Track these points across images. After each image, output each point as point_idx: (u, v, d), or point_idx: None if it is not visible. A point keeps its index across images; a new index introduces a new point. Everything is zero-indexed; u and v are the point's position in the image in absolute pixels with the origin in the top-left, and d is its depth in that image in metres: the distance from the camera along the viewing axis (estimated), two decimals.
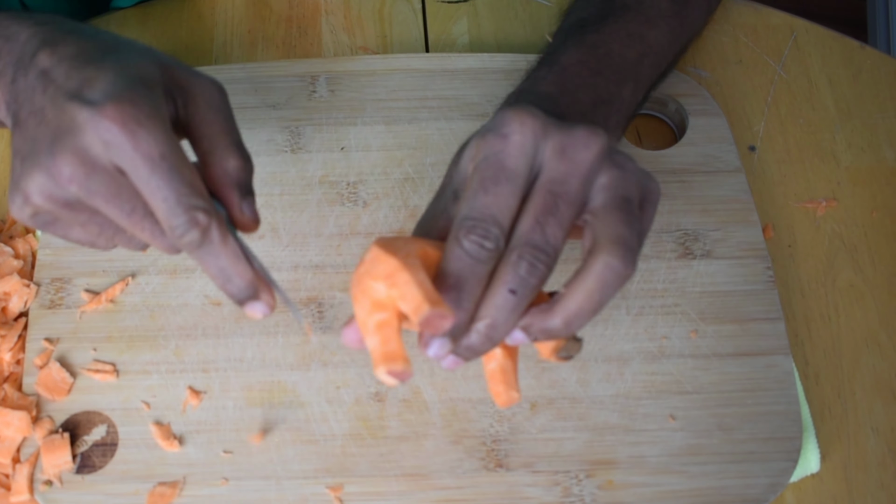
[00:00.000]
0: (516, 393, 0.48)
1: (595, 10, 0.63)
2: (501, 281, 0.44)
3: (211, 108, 0.48)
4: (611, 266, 0.44)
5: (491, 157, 0.46)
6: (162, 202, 0.44)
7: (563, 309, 0.45)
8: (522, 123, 0.46)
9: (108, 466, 0.56)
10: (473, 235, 0.44)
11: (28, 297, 0.62)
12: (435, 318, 0.42)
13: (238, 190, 0.47)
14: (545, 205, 0.45)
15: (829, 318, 0.64)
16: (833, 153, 0.71)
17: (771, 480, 0.57)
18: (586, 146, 0.46)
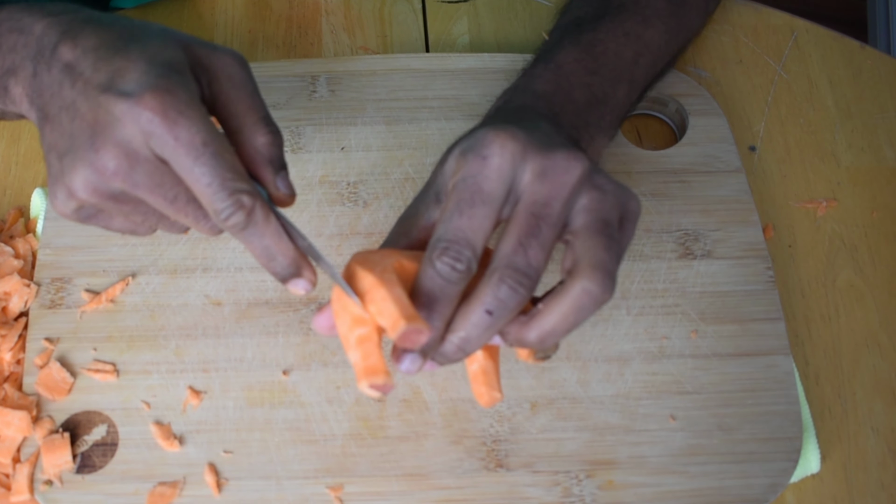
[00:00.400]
0: (498, 393, 0.49)
1: (591, 9, 0.63)
2: (479, 301, 0.45)
3: (235, 85, 0.48)
4: (588, 291, 0.45)
5: (469, 179, 0.46)
6: (206, 188, 0.44)
7: (538, 326, 0.46)
8: (503, 146, 0.46)
9: (109, 466, 0.56)
10: (446, 257, 0.45)
11: (28, 296, 0.62)
12: (411, 334, 0.44)
13: (271, 166, 0.47)
14: (528, 227, 0.46)
15: (829, 318, 0.64)
16: (833, 153, 0.71)
17: (771, 480, 0.57)
18: (566, 169, 0.47)
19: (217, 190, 0.44)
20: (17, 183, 0.69)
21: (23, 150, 0.70)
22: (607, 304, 0.47)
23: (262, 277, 0.63)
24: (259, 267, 0.63)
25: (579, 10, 0.64)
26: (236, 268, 0.63)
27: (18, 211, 0.67)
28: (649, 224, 0.65)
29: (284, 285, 0.48)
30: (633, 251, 0.64)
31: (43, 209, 0.66)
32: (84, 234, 0.64)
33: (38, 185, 0.68)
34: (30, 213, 0.67)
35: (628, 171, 0.68)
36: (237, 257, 0.64)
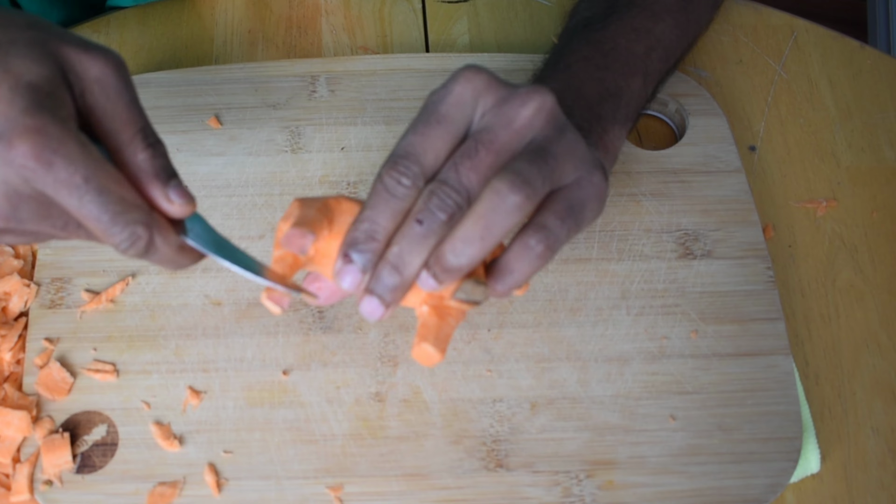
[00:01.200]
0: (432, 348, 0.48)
1: (599, 9, 0.63)
2: (412, 213, 0.45)
3: (109, 98, 0.45)
4: (496, 190, 0.45)
5: (428, 105, 0.47)
6: (97, 223, 0.44)
7: (451, 238, 0.45)
8: (466, 77, 0.47)
9: (108, 466, 0.56)
10: (394, 171, 0.45)
11: (28, 296, 0.62)
12: (295, 236, 0.46)
13: (157, 181, 0.46)
14: (465, 149, 0.46)
15: (829, 318, 0.64)
16: (833, 153, 0.71)
17: (771, 481, 0.57)
18: (523, 102, 0.47)
19: (108, 226, 0.43)
20: None
21: None
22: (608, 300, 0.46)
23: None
24: None
25: (587, 12, 0.64)
26: None
27: None
28: (649, 224, 0.65)
29: None
30: (633, 251, 0.64)
31: None
32: None
33: None
34: None
35: (628, 171, 0.68)
36: None
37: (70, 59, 0.45)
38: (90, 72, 0.45)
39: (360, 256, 0.45)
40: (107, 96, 0.45)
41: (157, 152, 0.46)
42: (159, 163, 0.46)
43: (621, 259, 0.64)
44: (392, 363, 0.60)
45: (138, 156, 0.45)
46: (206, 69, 0.72)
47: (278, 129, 0.69)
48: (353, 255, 0.45)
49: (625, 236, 0.65)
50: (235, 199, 0.66)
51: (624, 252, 0.64)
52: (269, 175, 0.67)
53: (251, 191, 0.66)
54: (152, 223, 0.45)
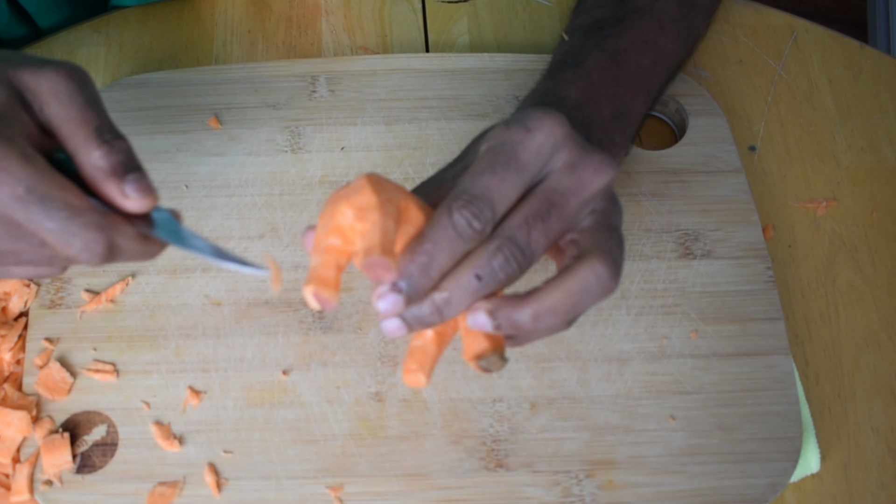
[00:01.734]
0: (425, 378, 0.48)
1: (609, 11, 0.62)
2: (472, 264, 0.44)
3: (62, 104, 0.46)
4: (597, 272, 0.44)
5: (508, 144, 0.46)
6: (49, 234, 0.44)
7: (536, 302, 0.45)
8: (551, 127, 0.46)
9: (108, 466, 0.56)
10: (466, 211, 0.44)
11: (28, 296, 0.62)
12: (379, 267, 0.43)
13: (114, 177, 0.45)
14: (539, 209, 0.45)
15: (829, 318, 0.64)
16: (833, 153, 0.71)
17: (771, 480, 0.57)
18: (597, 172, 0.47)
19: (61, 234, 0.44)
20: None
21: None
22: (607, 299, 0.46)
23: (262, 277, 0.63)
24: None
25: (597, 12, 0.63)
26: None
27: None
28: (649, 224, 0.65)
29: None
30: (633, 251, 0.64)
31: None
32: None
33: None
34: None
35: (628, 171, 0.68)
36: None
37: (24, 79, 0.46)
38: (42, 86, 0.46)
39: (408, 288, 0.44)
40: (60, 104, 0.46)
41: (114, 149, 0.45)
42: (115, 159, 0.45)
43: None
44: (392, 363, 0.60)
45: (92, 154, 0.45)
46: (206, 69, 0.72)
47: (278, 129, 0.69)
48: (403, 285, 0.44)
49: (625, 236, 0.65)
50: (235, 199, 0.66)
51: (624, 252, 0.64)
52: (268, 175, 0.67)
53: (251, 191, 0.66)
54: (105, 224, 0.44)
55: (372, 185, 0.45)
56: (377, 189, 0.44)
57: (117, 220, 0.45)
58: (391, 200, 0.45)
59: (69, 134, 0.45)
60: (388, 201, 0.44)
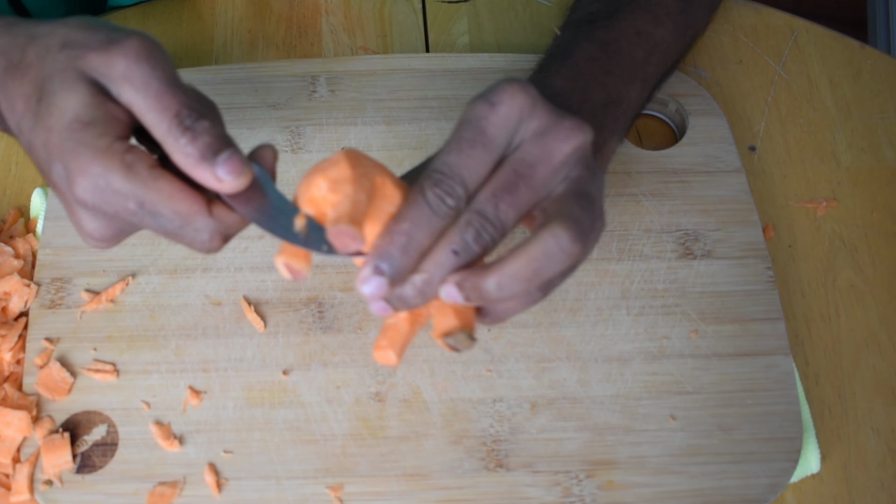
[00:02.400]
0: (395, 357, 0.48)
1: (603, 5, 0.63)
2: (448, 240, 0.45)
3: (139, 91, 0.45)
4: (557, 236, 0.44)
5: (473, 121, 0.46)
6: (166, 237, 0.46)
7: (499, 270, 0.45)
8: (513, 96, 0.47)
9: (108, 466, 0.56)
10: (438, 189, 0.45)
11: (28, 296, 0.62)
12: (346, 235, 0.44)
13: (204, 162, 0.44)
14: (506, 182, 0.46)
15: (829, 318, 0.64)
16: (833, 153, 0.71)
17: (771, 480, 0.57)
18: (566, 138, 0.47)
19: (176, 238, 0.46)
20: (17, 183, 0.69)
21: (22, 150, 0.70)
22: (607, 299, 0.46)
23: (262, 277, 0.63)
24: (259, 267, 0.63)
25: (591, 6, 0.64)
26: (236, 268, 0.63)
27: (18, 211, 0.67)
28: (649, 224, 0.65)
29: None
30: (633, 251, 0.64)
31: (43, 209, 0.66)
32: None
33: (38, 185, 0.68)
34: (30, 213, 0.67)
35: (628, 171, 0.68)
36: (237, 257, 0.64)
37: (97, 68, 0.46)
38: (115, 71, 0.45)
39: (391, 270, 0.44)
40: (136, 91, 0.45)
41: (198, 132, 0.45)
42: (201, 144, 0.44)
43: (621, 259, 0.64)
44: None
45: (178, 143, 0.45)
46: (206, 69, 0.72)
47: (278, 129, 0.69)
48: (385, 266, 0.44)
49: (625, 236, 0.65)
50: None
51: (624, 252, 0.64)
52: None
53: None
54: (213, 225, 0.45)
55: (349, 159, 0.46)
56: (353, 164, 0.46)
57: (223, 214, 0.46)
58: (366, 175, 0.46)
59: (151, 123, 0.45)
60: (364, 175, 0.45)
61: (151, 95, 0.45)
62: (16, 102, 0.48)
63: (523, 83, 0.47)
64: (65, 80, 0.46)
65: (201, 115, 0.45)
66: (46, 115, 0.46)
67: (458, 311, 0.47)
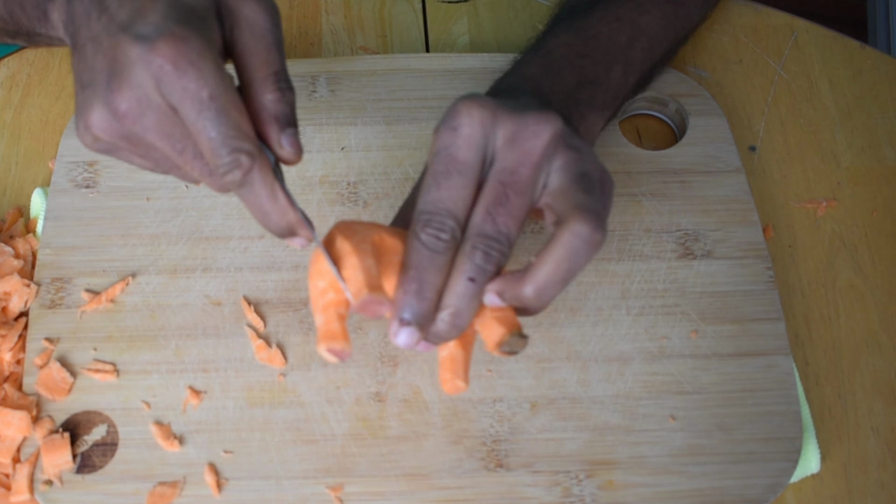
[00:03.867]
0: (463, 383, 0.50)
1: None
2: (460, 270, 0.46)
3: (254, 34, 0.47)
4: (578, 233, 0.45)
5: (442, 151, 0.47)
6: (208, 142, 0.44)
7: (533, 278, 0.46)
8: (470, 115, 0.47)
9: (108, 466, 0.56)
10: (429, 228, 0.46)
11: (28, 296, 0.62)
12: (372, 303, 0.45)
13: (276, 123, 0.46)
14: (495, 195, 0.46)
15: (829, 318, 0.64)
16: (833, 153, 0.71)
17: (771, 481, 0.57)
18: (536, 133, 0.47)
19: (218, 146, 0.44)
20: (17, 183, 0.69)
21: (23, 150, 0.70)
22: (607, 299, 0.47)
23: (262, 277, 0.63)
24: (259, 267, 0.63)
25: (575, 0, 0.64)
26: (236, 268, 0.63)
27: (18, 211, 0.67)
28: (649, 224, 0.65)
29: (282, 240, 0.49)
30: (633, 251, 0.64)
31: (43, 209, 0.66)
32: (84, 234, 0.64)
33: (38, 185, 0.68)
34: (30, 213, 0.67)
35: (628, 171, 0.68)
36: (237, 257, 0.64)
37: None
38: (244, 10, 0.47)
39: (414, 317, 0.46)
40: (252, 34, 0.46)
41: (285, 98, 0.47)
42: (284, 108, 0.46)
43: (621, 259, 0.64)
44: (392, 363, 0.60)
45: (266, 95, 0.46)
46: None
47: None
48: (407, 316, 0.46)
49: (625, 236, 0.65)
50: (236, 198, 0.66)
51: (624, 252, 0.64)
52: None
53: None
54: (256, 156, 0.45)
55: (342, 232, 0.47)
56: (348, 235, 0.47)
57: (266, 162, 0.46)
58: (364, 239, 0.47)
59: (251, 66, 0.46)
60: (362, 241, 0.47)
61: (265, 45, 0.46)
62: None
63: (477, 98, 0.48)
64: None
65: (292, 88, 0.47)
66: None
67: (500, 318, 0.48)
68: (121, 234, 0.64)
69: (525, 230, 0.64)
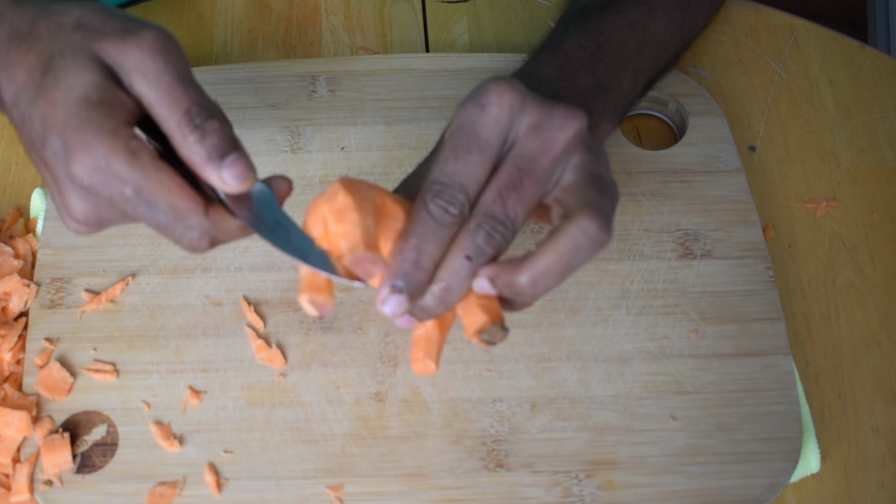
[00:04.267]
0: (433, 364, 0.49)
1: None
2: (459, 247, 0.45)
3: (150, 84, 0.45)
4: (584, 228, 0.45)
5: (466, 126, 0.47)
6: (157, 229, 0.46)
7: (531, 266, 0.45)
8: (501, 95, 0.47)
9: (108, 466, 0.56)
10: (440, 200, 0.45)
11: (28, 296, 0.62)
12: (366, 261, 0.44)
13: (209, 164, 0.45)
14: (510, 179, 0.46)
15: (829, 318, 0.64)
16: (833, 153, 0.71)
17: (771, 480, 0.57)
18: (561, 127, 0.47)
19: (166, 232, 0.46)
20: (17, 183, 0.69)
21: (23, 150, 0.70)
22: (607, 299, 0.47)
23: (262, 277, 0.63)
24: (259, 267, 0.63)
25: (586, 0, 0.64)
26: (236, 268, 0.63)
27: (18, 211, 0.67)
28: (649, 224, 0.65)
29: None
30: (633, 251, 0.64)
31: (43, 209, 0.66)
32: None
33: (38, 185, 0.68)
34: (30, 213, 0.67)
35: (628, 171, 0.68)
36: (237, 257, 0.64)
37: (111, 54, 0.46)
38: (129, 62, 0.45)
39: (407, 286, 0.45)
40: (148, 84, 0.45)
41: (206, 133, 0.45)
42: (208, 144, 0.45)
43: (621, 259, 0.64)
44: (392, 363, 0.60)
45: (186, 140, 0.45)
46: (206, 69, 0.72)
47: (278, 129, 0.69)
48: (400, 283, 0.45)
49: (625, 236, 0.65)
50: None
51: (624, 252, 0.64)
52: (268, 175, 0.67)
53: None
54: (207, 225, 0.45)
55: (346, 187, 0.46)
56: (351, 190, 0.46)
57: (219, 217, 0.46)
58: (367, 199, 0.46)
59: (161, 117, 0.45)
60: (364, 199, 0.46)
61: (163, 90, 0.45)
62: (17, 72, 0.47)
63: (509, 80, 0.47)
64: (77, 59, 0.45)
65: (211, 115, 0.45)
66: (52, 89, 0.45)
67: (485, 305, 0.48)
68: (121, 233, 0.64)
69: (525, 229, 0.64)
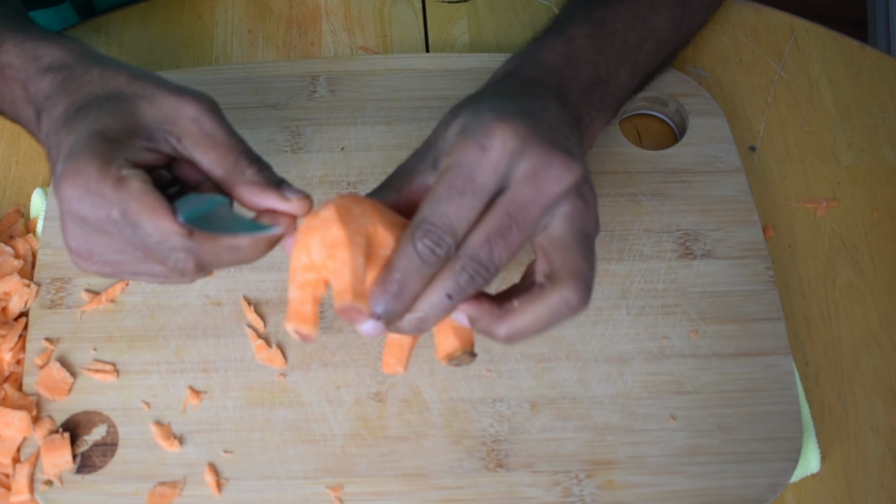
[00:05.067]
0: (402, 368, 0.51)
1: None
2: (441, 284, 0.46)
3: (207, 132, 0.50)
4: (567, 301, 0.47)
5: (464, 166, 0.47)
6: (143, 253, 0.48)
7: (510, 323, 0.47)
8: (504, 141, 0.47)
9: (108, 466, 0.56)
10: (427, 240, 0.46)
11: (28, 296, 0.62)
12: (352, 311, 0.45)
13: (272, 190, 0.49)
14: (500, 226, 0.46)
15: (829, 318, 0.64)
16: (833, 153, 0.71)
17: (771, 480, 0.57)
18: (557, 178, 0.47)
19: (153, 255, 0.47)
20: (17, 183, 0.69)
21: (23, 150, 0.70)
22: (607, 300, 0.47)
23: (262, 277, 0.63)
24: (259, 267, 0.63)
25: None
26: (236, 268, 0.63)
27: (18, 211, 0.67)
28: (649, 224, 0.65)
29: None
30: (633, 251, 0.64)
31: (43, 209, 0.66)
32: None
33: (38, 185, 0.68)
34: (30, 213, 0.67)
35: (628, 171, 0.68)
36: None
37: (166, 106, 0.49)
38: (187, 114, 0.49)
39: (386, 314, 0.46)
40: (205, 132, 0.49)
41: (262, 167, 0.50)
42: (267, 174, 0.50)
43: (621, 259, 0.64)
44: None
45: (246, 172, 0.49)
46: (206, 69, 0.72)
47: (278, 129, 0.69)
48: (380, 311, 0.46)
49: (625, 236, 0.65)
50: None
51: (624, 252, 0.64)
52: None
53: None
54: (189, 245, 0.47)
55: (340, 216, 0.46)
56: (345, 220, 0.46)
57: (203, 239, 0.47)
58: (359, 230, 0.46)
59: (218, 158, 0.49)
60: (357, 232, 0.46)
61: (220, 135, 0.50)
62: (57, 106, 0.50)
63: (514, 122, 0.47)
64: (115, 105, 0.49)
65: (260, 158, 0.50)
66: (78, 121, 0.48)
67: (459, 331, 0.49)
68: None
69: None
